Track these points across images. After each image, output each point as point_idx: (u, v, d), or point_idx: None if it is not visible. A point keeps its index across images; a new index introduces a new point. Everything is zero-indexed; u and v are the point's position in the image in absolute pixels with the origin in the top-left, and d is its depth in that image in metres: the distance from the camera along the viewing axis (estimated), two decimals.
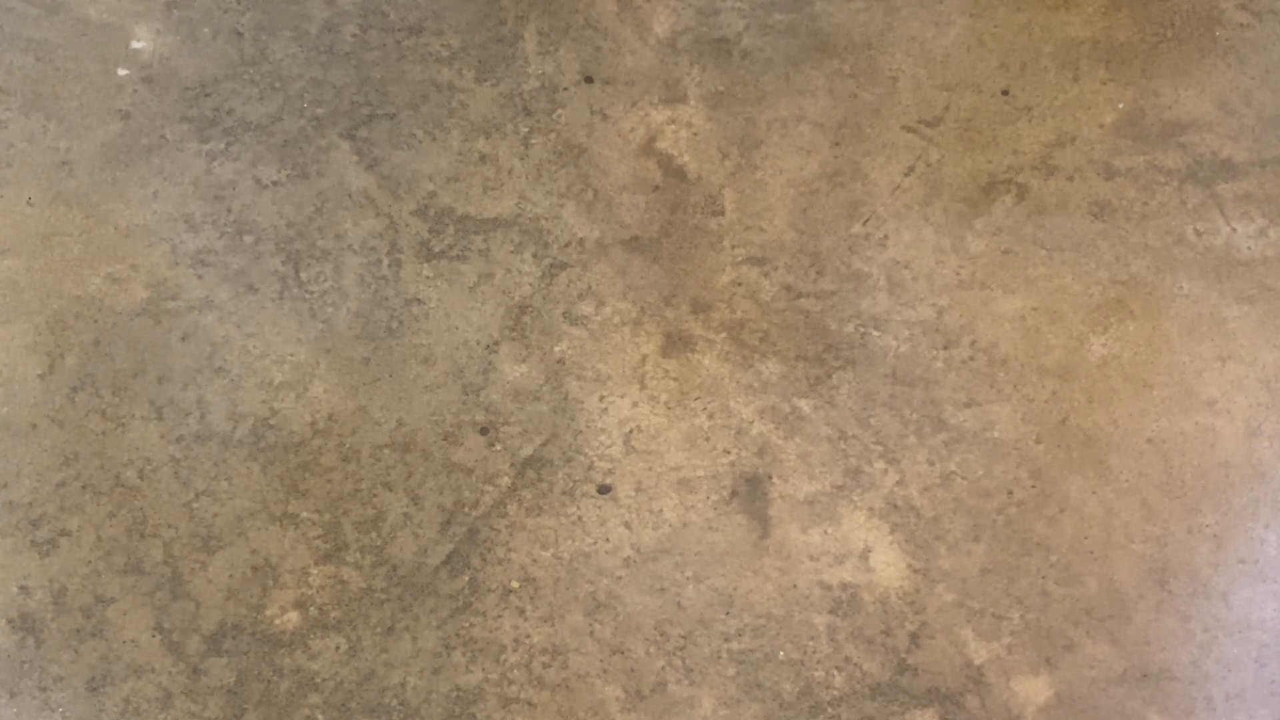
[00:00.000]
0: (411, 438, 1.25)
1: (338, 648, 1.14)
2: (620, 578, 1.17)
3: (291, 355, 1.30)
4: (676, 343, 1.32)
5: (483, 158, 1.44)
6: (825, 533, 1.20)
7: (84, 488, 1.21)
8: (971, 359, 1.31)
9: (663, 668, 1.13)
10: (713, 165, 1.44)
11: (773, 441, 1.25)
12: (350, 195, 1.41)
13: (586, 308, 1.34)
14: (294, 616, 1.15)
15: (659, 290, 1.35)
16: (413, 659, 1.13)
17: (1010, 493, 1.23)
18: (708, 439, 1.25)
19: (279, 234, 1.37)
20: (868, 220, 1.41)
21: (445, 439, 1.25)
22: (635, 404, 1.27)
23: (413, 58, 1.51)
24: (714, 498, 1.22)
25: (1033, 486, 1.23)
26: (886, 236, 1.39)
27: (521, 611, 1.15)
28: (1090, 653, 1.15)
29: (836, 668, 1.13)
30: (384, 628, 1.14)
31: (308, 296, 1.33)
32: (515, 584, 1.17)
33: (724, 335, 1.32)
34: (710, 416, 1.27)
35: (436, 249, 1.37)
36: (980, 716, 1.11)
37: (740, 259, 1.37)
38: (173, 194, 1.39)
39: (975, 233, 1.40)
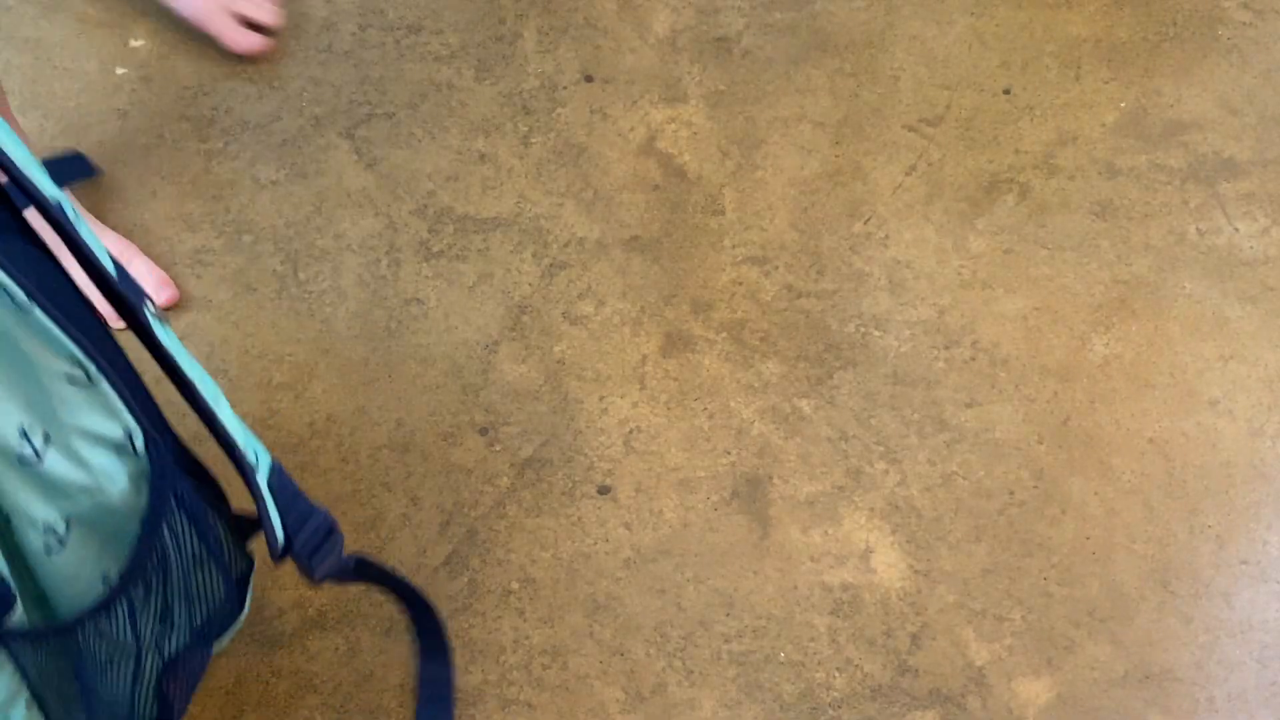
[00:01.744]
0: (410, 438, 1.24)
1: (336, 649, 1.13)
2: (620, 579, 1.17)
3: (290, 355, 1.29)
4: (676, 343, 1.31)
5: (482, 157, 1.44)
6: (826, 533, 1.20)
7: None
8: (973, 359, 1.31)
9: (663, 669, 1.13)
10: (713, 165, 1.44)
11: (773, 442, 1.25)
12: (349, 195, 1.40)
13: (586, 308, 1.33)
14: (293, 617, 1.14)
15: (659, 290, 1.35)
16: (412, 660, 1.13)
17: (1012, 493, 1.23)
18: (708, 439, 1.25)
19: (277, 233, 1.37)
20: (869, 220, 1.40)
21: (444, 439, 1.24)
22: (635, 404, 1.27)
23: (411, 56, 1.51)
24: (714, 498, 1.22)
25: (1034, 487, 1.23)
26: (887, 236, 1.39)
27: (521, 613, 1.15)
28: (1092, 654, 1.14)
29: (837, 669, 1.13)
30: (383, 628, 1.14)
31: (306, 296, 1.33)
32: (514, 585, 1.17)
33: (724, 335, 1.32)
34: (710, 417, 1.26)
35: (436, 249, 1.37)
36: (981, 717, 1.11)
37: (740, 259, 1.37)
38: (171, 193, 1.39)
39: (977, 232, 1.40)
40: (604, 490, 1.22)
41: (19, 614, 0.75)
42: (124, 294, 0.78)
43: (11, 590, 0.74)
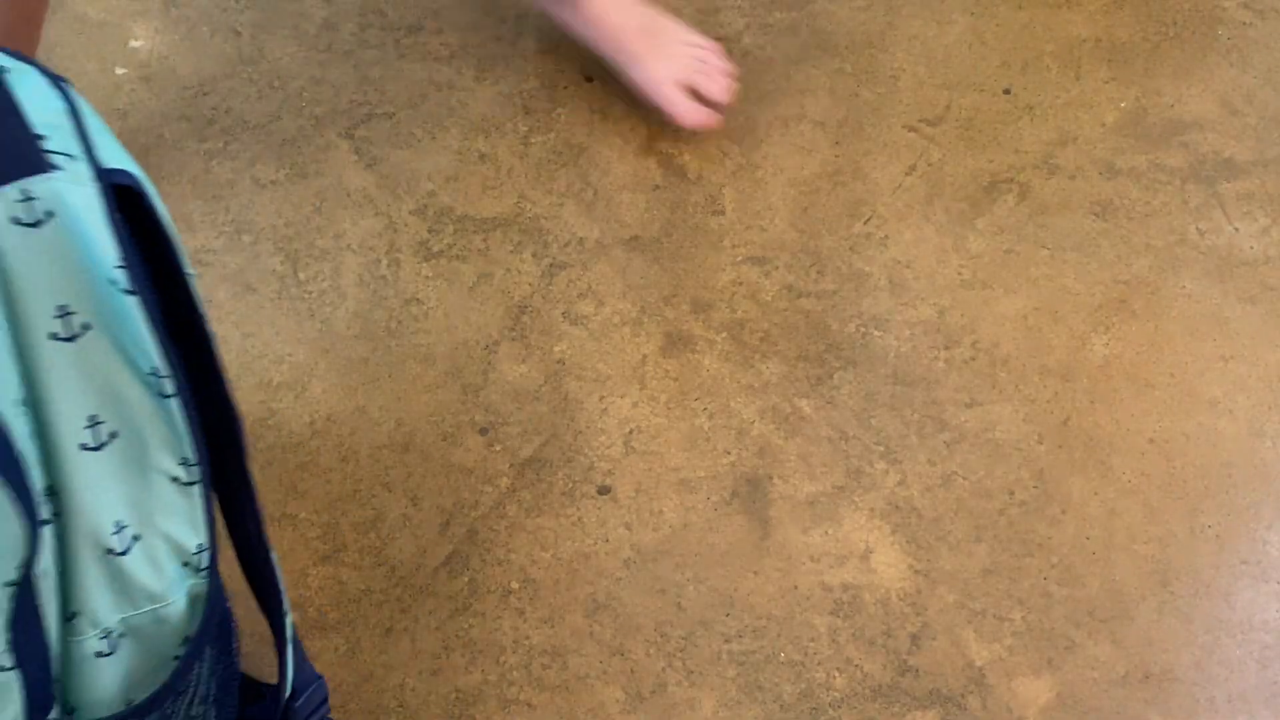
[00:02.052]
0: (410, 438, 1.24)
1: (336, 649, 1.13)
2: (620, 579, 1.17)
3: (290, 355, 1.29)
4: (676, 343, 1.31)
5: (482, 157, 1.44)
6: (826, 534, 1.20)
7: None
8: (973, 359, 1.31)
9: (663, 669, 1.13)
10: (713, 164, 1.44)
11: (773, 442, 1.25)
12: (349, 195, 1.40)
13: (586, 308, 1.33)
14: (293, 618, 1.14)
15: (659, 290, 1.35)
16: (411, 660, 1.13)
17: (1012, 493, 1.23)
18: (708, 439, 1.25)
19: (277, 233, 1.37)
20: (869, 220, 1.40)
21: (444, 439, 1.24)
22: (635, 404, 1.27)
23: (412, 56, 1.51)
24: (714, 498, 1.21)
25: (1034, 487, 1.23)
26: (888, 236, 1.39)
27: (521, 613, 1.15)
28: (1092, 654, 1.14)
29: (837, 669, 1.13)
30: (383, 629, 1.14)
31: (306, 296, 1.33)
32: (514, 585, 1.16)
33: (724, 335, 1.31)
34: (710, 417, 1.26)
35: (435, 249, 1.37)
36: (981, 717, 1.11)
37: (740, 258, 1.37)
38: (170, 193, 1.39)
39: (977, 232, 1.40)
40: (604, 490, 1.22)
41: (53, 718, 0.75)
42: (237, 418, 0.80)
43: (53, 694, 0.74)
